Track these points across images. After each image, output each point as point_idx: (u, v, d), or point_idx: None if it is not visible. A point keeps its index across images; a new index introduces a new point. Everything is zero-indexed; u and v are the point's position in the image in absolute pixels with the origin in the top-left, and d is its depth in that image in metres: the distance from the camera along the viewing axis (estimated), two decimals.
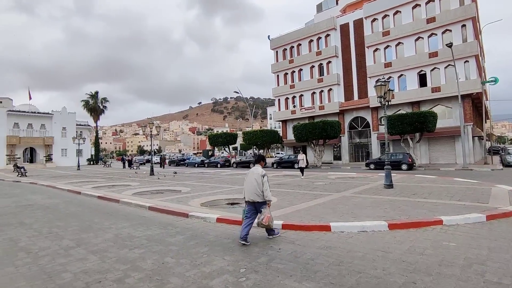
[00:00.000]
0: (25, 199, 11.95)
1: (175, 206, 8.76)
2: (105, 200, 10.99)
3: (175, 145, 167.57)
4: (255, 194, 5.42)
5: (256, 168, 5.66)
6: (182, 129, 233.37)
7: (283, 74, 39.91)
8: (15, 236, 6.38)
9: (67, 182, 17.91)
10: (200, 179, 18.07)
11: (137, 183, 16.46)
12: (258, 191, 5.39)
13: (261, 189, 5.39)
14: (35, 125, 48.49)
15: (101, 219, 7.80)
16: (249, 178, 5.58)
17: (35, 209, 9.56)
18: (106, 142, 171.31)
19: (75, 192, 13.38)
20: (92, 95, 53.40)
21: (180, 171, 27.21)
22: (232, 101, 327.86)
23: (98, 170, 33.05)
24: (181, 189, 13.39)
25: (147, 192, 12.78)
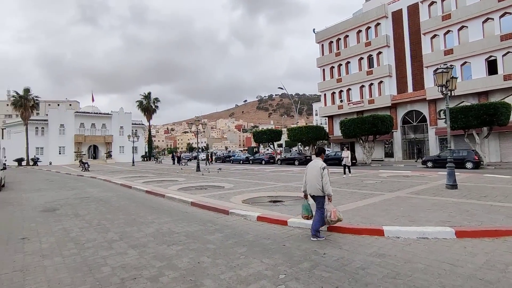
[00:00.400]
0: (84, 192, 12.90)
1: (217, 203, 8.64)
2: (152, 195, 11.36)
3: (221, 143, 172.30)
4: (316, 188, 5.19)
5: (316, 161, 5.39)
6: (229, 126, 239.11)
7: (329, 67, 38.35)
8: (68, 227, 6.73)
9: (121, 177, 19.12)
10: (244, 176, 18.00)
11: (183, 179, 16.92)
12: (319, 185, 5.15)
13: (321, 183, 5.12)
14: (97, 125, 53.23)
15: (146, 213, 7.96)
16: (310, 171, 5.35)
17: (90, 202, 10.18)
18: (159, 140, 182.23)
19: (127, 187, 14.13)
20: (145, 96, 56.91)
21: (225, 167, 27.61)
22: (277, 98, 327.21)
23: (150, 166, 35.04)
24: (225, 185, 13.38)
25: (192, 187, 12.98)
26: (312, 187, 5.26)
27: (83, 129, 51.30)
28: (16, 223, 7.29)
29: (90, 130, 52.02)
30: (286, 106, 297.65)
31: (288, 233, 5.70)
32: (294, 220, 6.19)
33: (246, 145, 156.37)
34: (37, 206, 9.57)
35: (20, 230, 6.63)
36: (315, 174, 5.22)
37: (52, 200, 10.85)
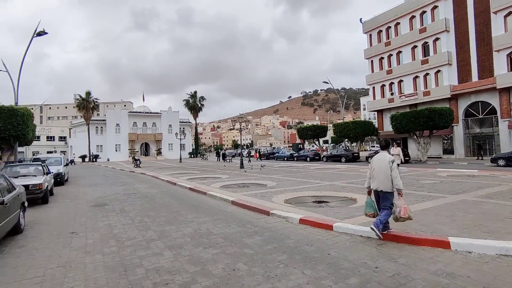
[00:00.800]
0: (133, 188, 13.50)
1: (257, 202, 8.31)
2: (194, 192, 11.44)
3: (266, 139, 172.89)
4: (385, 183, 4.86)
5: (383, 155, 5.13)
6: (273, 123, 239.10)
7: (378, 59, 35.88)
8: (113, 223, 6.91)
9: (168, 173, 19.83)
10: (288, 173, 17.49)
11: (226, 176, 16.96)
12: (388, 179, 4.84)
13: (390, 177, 4.81)
14: (148, 123, 56.54)
15: (186, 211, 7.92)
16: (377, 165, 5.04)
17: (136, 198, 10.54)
18: (205, 138, 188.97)
19: (171, 183, 14.51)
20: (191, 95, 59.00)
21: (269, 164, 27.32)
22: (322, 94, 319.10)
23: (196, 162, 36.16)
24: (267, 183, 13.04)
25: (234, 185, 12.86)
26: (380, 182, 4.91)
27: (136, 128, 54.84)
28: (69, 217, 7.72)
29: (141, 128, 55.44)
30: (332, 101, 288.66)
31: (333, 239, 5.13)
32: (341, 225, 5.58)
33: (291, 141, 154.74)
34: (90, 201, 10.15)
35: (72, 224, 6.97)
36: (383, 168, 4.90)
37: (104, 195, 11.48)
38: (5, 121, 14.31)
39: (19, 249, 5.28)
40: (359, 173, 16.18)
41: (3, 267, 4.44)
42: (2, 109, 14.40)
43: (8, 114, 14.46)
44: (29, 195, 9.20)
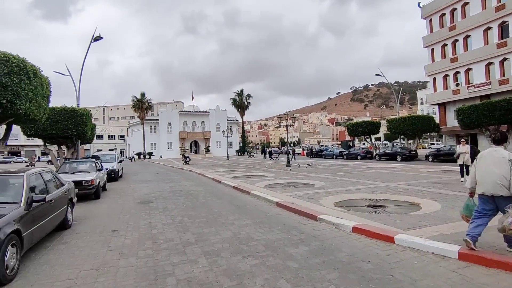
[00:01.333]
0: (179, 185, 13.63)
1: (304, 205, 7.58)
2: (238, 191, 11.07)
3: (314, 137, 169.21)
4: (500, 185, 3.84)
5: (498, 151, 4.09)
6: (321, 120, 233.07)
7: (440, 46, 32.24)
8: (154, 222, 6.75)
9: (214, 171, 19.92)
10: (337, 172, 16.35)
11: (272, 174, 16.40)
12: (505, 181, 3.81)
13: (509, 179, 3.78)
14: (197, 122, 58.56)
15: (228, 212, 7.51)
16: (488, 163, 4.05)
17: (180, 196, 10.49)
18: (253, 135, 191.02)
19: (216, 181, 14.37)
20: (238, 93, 59.66)
21: (316, 162, 26.16)
22: (373, 88, 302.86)
23: (243, 160, 36.26)
24: (315, 183, 12.19)
25: (279, 184, 12.24)
26: (494, 184, 3.88)
27: (186, 126, 57.18)
28: (115, 214, 7.80)
29: (191, 127, 57.64)
30: (384, 96, 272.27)
31: (396, 256, 4.22)
32: (405, 237, 4.63)
33: (340, 139, 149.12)
34: (137, 198, 10.34)
35: (116, 221, 6.97)
36: (498, 167, 3.89)
37: (151, 192, 11.68)
38: (67, 121, 15.51)
39: (63, 245, 5.29)
40: (419, 174, 14.45)
41: (43, 264, 4.39)
42: (65, 110, 15.63)
43: (70, 114, 15.66)
44: (82, 190, 9.65)
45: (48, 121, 15.28)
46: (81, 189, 9.62)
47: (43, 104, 9.30)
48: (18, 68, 7.60)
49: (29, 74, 7.99)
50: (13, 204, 4.47)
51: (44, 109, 9.51)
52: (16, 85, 7.47)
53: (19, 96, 7.59)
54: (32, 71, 8.17)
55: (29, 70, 8.00)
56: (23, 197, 4.60)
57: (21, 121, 8.78)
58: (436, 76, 32.96)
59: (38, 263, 4.44)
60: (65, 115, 15.45)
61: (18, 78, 7.57)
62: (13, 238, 3.94)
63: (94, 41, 17.73)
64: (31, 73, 8.08)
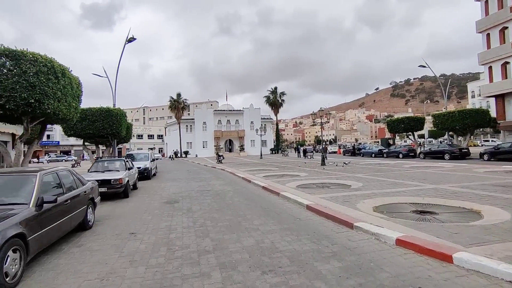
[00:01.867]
0: (208, 184, 13.33)
1: (338, 209, 6.74)
2: (267, 191, 10.43)
3: (351, 134, 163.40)
4: None
5: None
6: (358, 117, 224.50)
7: (499, 30, 28.77)
8: (174, 225, 6.36)
9: (245, 170, 19.49)
10: (377, 172, 15.05)
11: (305, 174, 15.54)
12: None
13: None
14: (231, 121, 58.83)
15: (254, 215, 6.90)
16: None
17: (208, 196, 10.10)
18: (288, 134, 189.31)
19: (246, 181, 13.86)
20: (272, 91, 58.92)
21: (354, 161, 24.68)
22: (415, 83, 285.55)
23: (276, 159, 35.54)
24: (351, 183, 11.17)
25: (312, 185, 11.40)
26: None
27: (220, 125, 57.69)
28: (138, 214, 7.57)
29: (225, 126, 58.04)
30: (428, 91, 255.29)
31: (456, 281, 3.30)
32: (467, 257, 3.65)
33: (379, 136, 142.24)
34: (164, 197, 10.14)
35: (137, 222, 6.69)
36: None
37: (179, 191, 11.47)
38: (103, 121, 16.01)
39: (77, 248, 5.05)
40: (474, 174, 12.72)
41: (50, 270, 4.13)
42: (101, 110, 16.15)
43: (105, 114, 16.14)
44: (110, 189, 9.63)
45: (86, 121, 15.87)
46: (109, 188, 9.63)
47: (74, 104, 9.41)
48: (45, 68, 7.65)
49: (57, 73, 8.05)
50: (22, 205, 4.25)
51: (75, 108, 9.65)
52: (43, 85, 7.52)
53: (47, 95, 7.64)
54: (60, 71, 8.23)
55: (56, 70, 8.05)
56: (33, 198, 4.38)
57: (52, 120, 8.93)
58: (493, 64, 29.52)
59: (45, 269, 4.18)
60: (100, 115, 15.94)
61: (46, 77, 7.62)
62: (15, 242, 3.68)
63: (128, 42, 18.13)
64: (59, 73, 8.14)
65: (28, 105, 7.30)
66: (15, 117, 7.90)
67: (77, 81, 9.72)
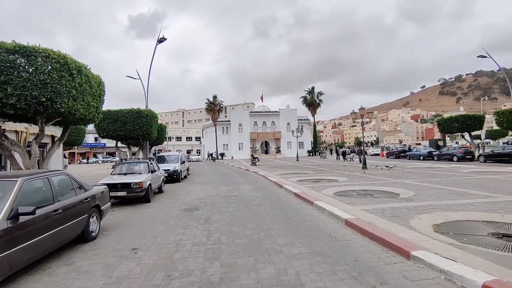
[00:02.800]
0: (237, 189, 12.36)
1: (387, 227, 5.31)
2: (299, 199, 9.16)
3: (394, 136, 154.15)
4: None
5: None
6: (402, 117, 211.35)
7: None
8: (185, 240, 5.41)
9: (279, 173, 18.28)
10: (429, 178, 13.00)
11: (344, 179, 13.96)
12: None
13: None
14: (267, 122, 57.90)
15: (279, 231, 5.73)
16: None
17: (232, 203, 9.10)
18: (326, 135, 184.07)
19: (278, 185, 12.67)
20: (309, 91, 56.98)
21: (400, 164, 22.30)
22: (468, 79, 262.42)
23: (314, 161, 33.81)
24: (400, 191, 9.49)
25: (353, 192, 9.90)
26: None
27: (256, 127, 56.99)
28: (151, 223, 6.77)
29: (261, 127, 57.22)
30: (484, 87, 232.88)
31: None
32: None
33: (426, 137, 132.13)
34: (186, 203, 9.33)
35: (145, 234, 5.87)
36: None
37: (204, 196, 10.63)
38: (133, 122, 15.86)
39: (65, 267, 4.27)
40: None
41: None
42: (131, 112, 16.02)
43: (136, 116, 15.98)
44: (130, 193, 9.04)
45: (118, 123, 15.81)
46: (129, 192, 9.06)
47: (94, 103, 8.98)
48: (58, 64, 7.20)
49: (71, 70, 7.58)
50: None
51: (96, 108, 9.22)
52: (56, 82, 7.06)
53: (60, 94, 7.17)
54: (75, 68, 7.77)
55: (71, 66, 7.58)
56: (5, 209, 3.65)
57: (70, 121, 8.53)
58: None
59: None
60: (131, 116, 15.79)
61: (59, 74, 7.16)
62: None
63: (159, 43, 17.94)
64: (74, 70, 7.67)
65: (40, 104, 6.88)
66: (28, 117, 7.57)
67: (98, 80, 9.30)
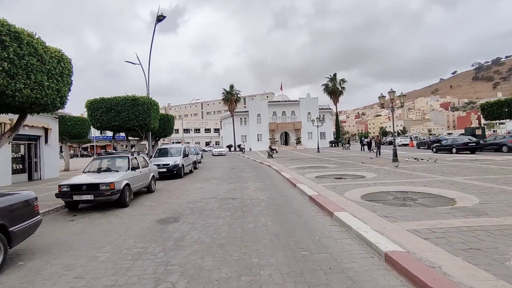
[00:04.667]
0: (241, 188, 10.23)
1: (473, 284, 2.94)
2: (315, 206, 6.85)
3: (422, 125, 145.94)
4: None
5: None
6: (431, 105, 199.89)
7: None
8: (121, 285, 3.32)
9: (296, 167, 15.96)
10: (485, 174, 10.18)
11: (373, 174, 11.42)
12: None
13: None
14: (287, 112, 55.14)
15: (276, 271, 3.48)
16: None
17: (227, 209, 6.95)
18: (349, 125, 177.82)
19: (291, 184, 10.38)
20: (331, 78, 53.56)
21: (435, 157, 19.23)
22: (508, 62, 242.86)
23: (336, 152, 31.04)
24: (454, 195, 6.94)
25: (387, 194, 7.45)
26: None
27: (275, 117, 54.43)
28: (95, 248, 4.75)
29: (281, 118, 54.58)
30: None
31: None
32: None
33: (458, 126, 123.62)
34: (168, 210, 7.28)
35: (73, 267, 3.85)
36: None
37: (197, 199, 8.56)
38: (128, 111, 14.04)
39: None
40: None
41: None
42: (126, 99, 14.19)
43: (131, 104, 14.14)
44: (99, 196, 7.14)
45: (112, 112, 14.09)
46: (97, 196, 7.14)
47: (53, 85, 7.06)
48: None
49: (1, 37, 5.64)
50: None
51: (57, 91, 7.31)
52: None
53: None
54: (10, 33, 5.83)
55: (1, 32, 5.64)
56: None
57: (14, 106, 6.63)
58: None
59: None
60: (125, 104, 13.99)
61: None
62: None
63: (158, 22, 15.94)
64: (5, 36, 5.72)
65: None
66: None
67: (58, 55, 7.32)
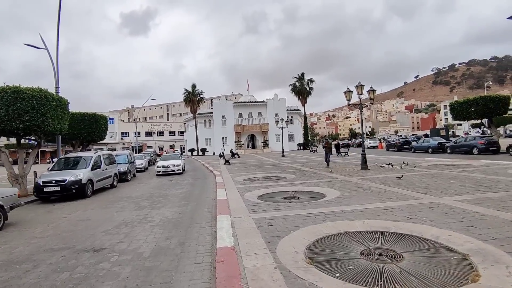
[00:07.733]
0: (140, 219, 6.87)
1: None
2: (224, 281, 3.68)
3: (389, 126, 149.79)
4: None
5: None
6: (397, 108, 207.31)
7: None
8: None
9: (245, 178, 12.85)
10: (479, 189, 7.64)
11: (336, 192, 8.52)
12: None
13: None
14: (253, 114, 52.24)
15: None
16: None
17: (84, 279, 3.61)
18: (320, 127, 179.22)
19: (214, 214, 7.19)
20: (298, 78, 51.50)
21: (408, 159, 17.01)
22: (461, 68, 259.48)
23: (302, 156, 28.45)
24: (463, 240, 4.14)
25: (356, 242, 4.48)
26: None
27: (241, 119, 51.35)
28: None
29: (247, 119, 51.61)
30: (477, 76, 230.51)
31: None
32: None
33: (422, 127, 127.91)
34: None
35: None
36: None
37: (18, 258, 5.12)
38: (7, 108, 10.08)
39: None
40: None
41: None
42: (4, 91, 10.15)
43: (12, 97, 10.14)
44: None
45: None
46: None
47: None
48: None
49: None
50: None
51: None
52: None
53: None
54: None
55: None
56: None
57: None
58: None
59: None
60: (2, 98, 10.05)
61: None
62: None
63: None
64: None
65: None
66: None
67: None
